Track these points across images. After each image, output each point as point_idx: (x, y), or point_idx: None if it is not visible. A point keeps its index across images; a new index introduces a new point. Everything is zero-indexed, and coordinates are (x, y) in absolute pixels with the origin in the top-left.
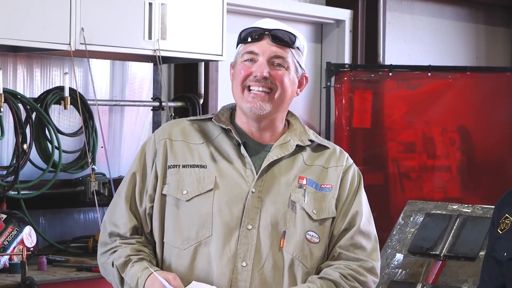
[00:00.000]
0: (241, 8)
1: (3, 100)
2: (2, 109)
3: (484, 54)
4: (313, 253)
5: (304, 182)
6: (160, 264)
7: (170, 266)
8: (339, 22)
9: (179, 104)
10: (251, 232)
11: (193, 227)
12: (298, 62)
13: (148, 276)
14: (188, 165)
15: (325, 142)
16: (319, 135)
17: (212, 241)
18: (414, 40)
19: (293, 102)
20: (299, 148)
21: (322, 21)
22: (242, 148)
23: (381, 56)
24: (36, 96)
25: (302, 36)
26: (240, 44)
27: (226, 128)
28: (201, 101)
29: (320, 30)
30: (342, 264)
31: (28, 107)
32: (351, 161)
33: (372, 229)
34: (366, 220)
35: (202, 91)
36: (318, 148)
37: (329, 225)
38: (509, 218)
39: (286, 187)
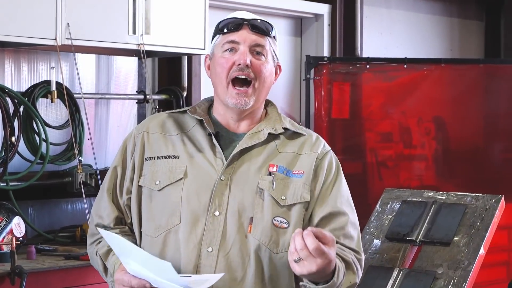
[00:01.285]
0: (223, 3)
1: None
2: None
3: (458, 46)
4: (280, 238)
5: (275, 169)
6: None
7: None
8: (318, 16)
9: (163, 96)
10: (218, 218)
11: (163, 216)
12: (274, 51)
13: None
14: (162, 156)
15: (301, 129)
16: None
17: (180, 228)
18: (390, 33)
19: (274, 94)
20: (273, 136)
21: (301, 16)
22: (213, 138)
23: (359, 49)
24: (24, 90)
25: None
26: (218, 36)
27: (200, 119)
28: (185, 93)
29: (300, 24)
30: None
31: (16, 100)
32: (328, 148)
33: (356, 217)
34: (352, 209)
35: (186, 84)
36: (294, 135)
37: (300, 210)
38: None
39: (255, 175)
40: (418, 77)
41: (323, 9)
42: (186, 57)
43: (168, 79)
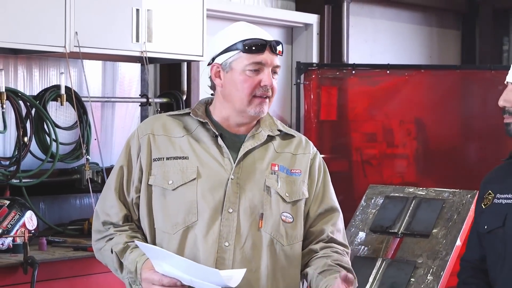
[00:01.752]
0: (220, 14)
1: (5, 98)
2: (4, 106)
3: (437, 53)
4: (288, 232)
5: (276, 168)
6: None
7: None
8: (307, 26)
9: (164, 100)
10: (232, 215)
11: (180, 214)
12: None
13: (146, 260)
14: (172, 157)
15: (291, 131)
16: (290, 127)
17: (198, 225)
18: (374, 41)
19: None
20: (270, 138)
21: (292, 25)
22: (219, 139)
23: (345, 55)
24: (35, 94)
25: None
26: (239, 52)
27: (203, 121)
28: (184, 97)
29: (291, 33)
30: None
31: (28, 103)
32: (315, 149)
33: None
34: (338, 205)
35: (185, 88)
36: (286, 137)
37: (302, 205)
38: (491, 194)
39: (261, 174)
40: (400, 82)
41: (312, 19)
42: (185, 63)
43: (168, 84)
